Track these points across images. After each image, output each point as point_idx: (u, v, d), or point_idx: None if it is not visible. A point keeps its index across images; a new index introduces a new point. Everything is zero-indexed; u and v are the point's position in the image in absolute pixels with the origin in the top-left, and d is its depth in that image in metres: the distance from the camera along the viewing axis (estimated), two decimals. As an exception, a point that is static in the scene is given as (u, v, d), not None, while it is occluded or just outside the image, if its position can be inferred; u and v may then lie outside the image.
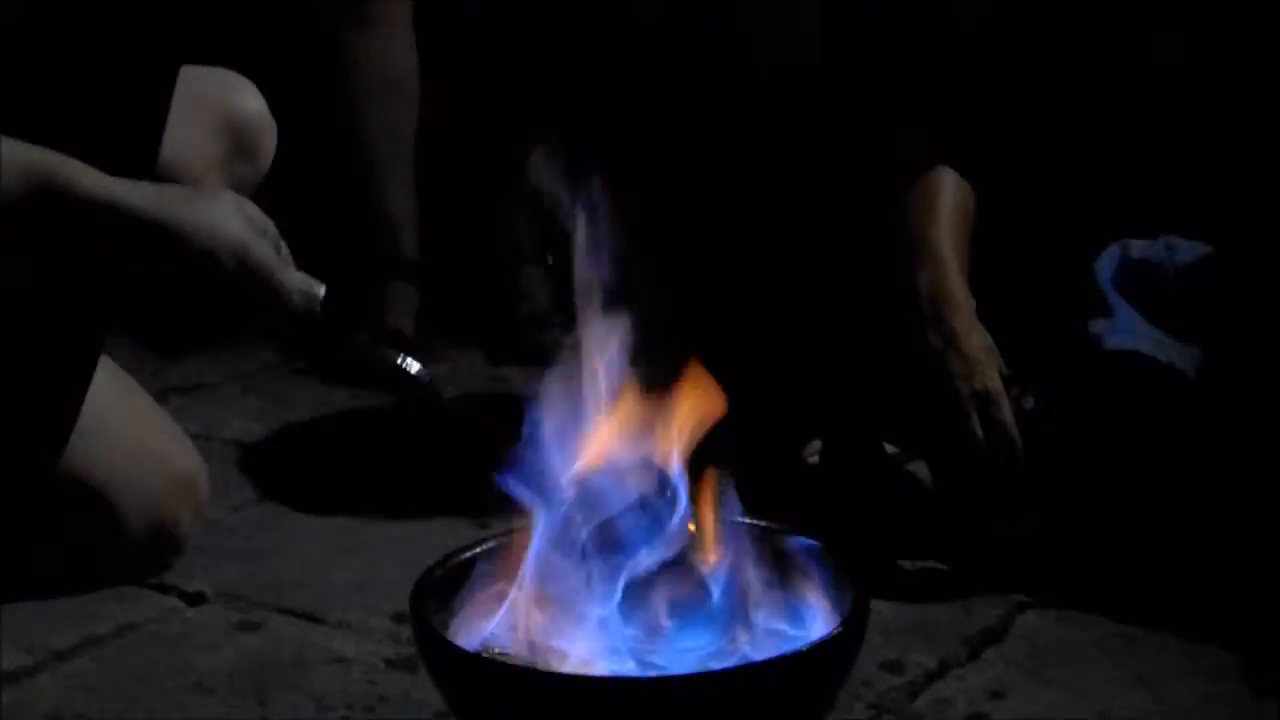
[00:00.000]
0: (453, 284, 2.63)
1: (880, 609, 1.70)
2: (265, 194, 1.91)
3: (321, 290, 1.62)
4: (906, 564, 1.87)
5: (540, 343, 2.47)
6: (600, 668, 1.40)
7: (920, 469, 1.96)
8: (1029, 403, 1.82)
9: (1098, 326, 1.85)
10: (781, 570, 1.50)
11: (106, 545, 1.81)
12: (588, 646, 1.42)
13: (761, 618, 1.46)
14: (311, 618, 1.79)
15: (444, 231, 2.63)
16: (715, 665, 1.40)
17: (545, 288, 2.58)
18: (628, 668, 1.40)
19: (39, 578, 1.80)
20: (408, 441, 2.19)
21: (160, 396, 2.06)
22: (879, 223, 1.92)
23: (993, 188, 1.93)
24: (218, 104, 1.85)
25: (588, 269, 1.46)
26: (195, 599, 1.84)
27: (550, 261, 2.56)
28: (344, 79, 2.54)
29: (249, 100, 1.90)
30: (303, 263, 1.69)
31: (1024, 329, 1.86)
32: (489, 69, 2.64)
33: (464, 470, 1.61)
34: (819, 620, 1.47)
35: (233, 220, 1.55)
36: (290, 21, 2.57)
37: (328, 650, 1.72)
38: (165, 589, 1.85)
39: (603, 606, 1.44)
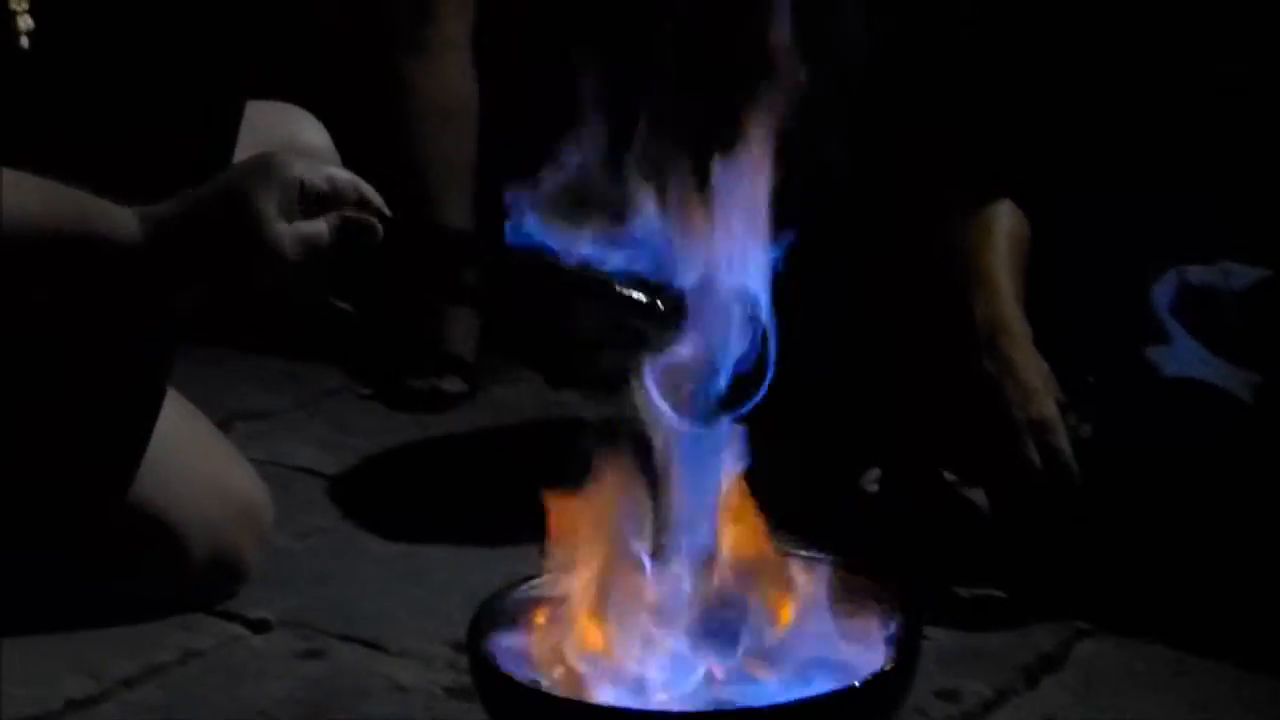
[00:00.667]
0: (512, 307, 2.63)
1: (937, 637, 1.72)
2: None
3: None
4: (964, 591, 1.87)
5: (600, 366, 2.47)
6: (655, 701, 1.41)
7: (978, 496, 1.96)
8: (1086, 430, 1.82)
9: (1155, 353, 1.85)
10: (837, 600, 1.50)
11: (171, 575, 1.83)
12: (641, 679, 1.43)
13: (816, 649, 1.47)
14: (373, 645, 1.81)
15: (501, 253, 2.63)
16: (771, 699, 1.41)
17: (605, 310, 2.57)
18: (683, 701, 1.42)
19: (104, 606, 1.81)
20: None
21: (224, 424, 2.08)
22: (935, 250, 1.93)
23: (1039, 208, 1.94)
24: (281, 138, 1.85)
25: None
26: (260, 626, 1.85)
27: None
28: (401, 104, 2.55)
29: (312, 134, 1.91)
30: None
31: (1079, 355, 1.87)
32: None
33: (530, 497, 1.63)
34: (874, 651, 1.47)
35: (263, 216, 1.51)
36: (347, 48, 2.58)
37: (388, 678, 1.74)
38: (230, 616, 1.86)
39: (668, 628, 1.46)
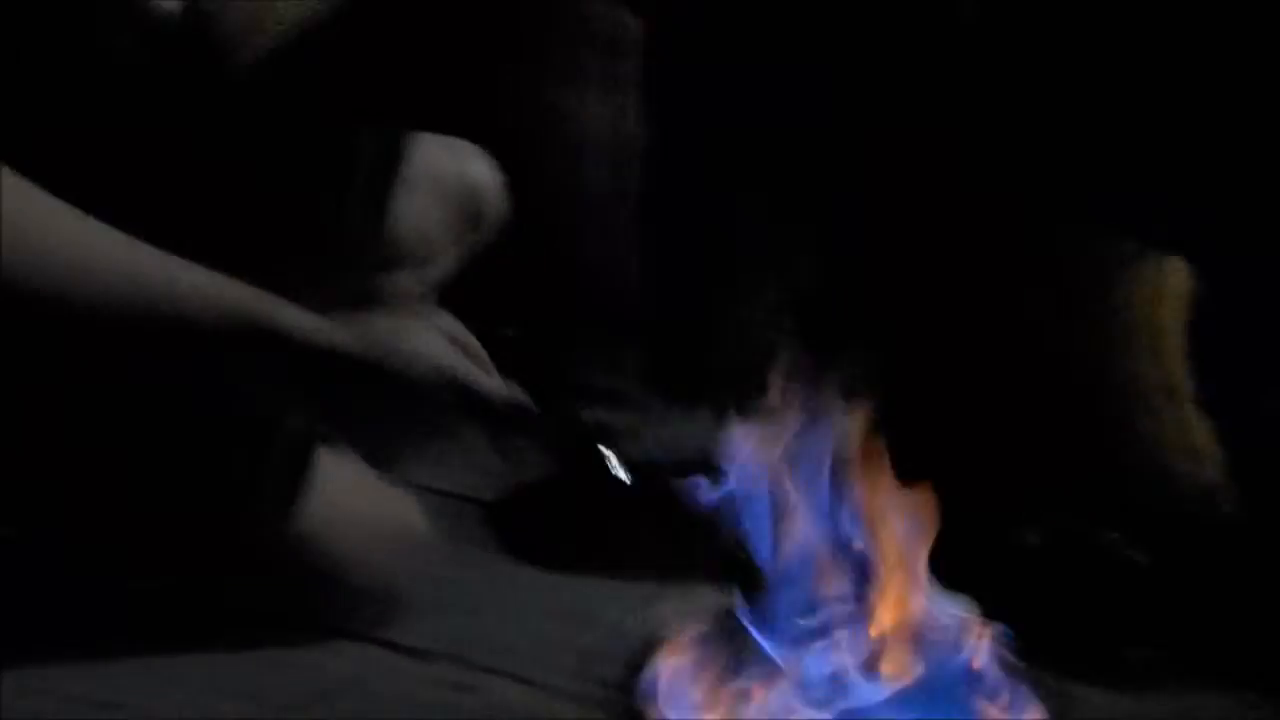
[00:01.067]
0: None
1: (1093, 698, 1.69)
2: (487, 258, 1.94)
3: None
4: (1126, 652, 1.84)
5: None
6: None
7: (1141, 555, 1.93)
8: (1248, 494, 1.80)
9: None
10: (991, 660, 1.49)
11: (328, 603, 1.85)
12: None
13: (968, 708, 1.46)
14: (526, 681, 1.82)
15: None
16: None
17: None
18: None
19: (262, 631, 1.83)
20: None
21: (382, 450, 2.10)
22: (1099, 303, 1.91)
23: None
24: (449, 173, 1.88)
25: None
26: (417, 655, 1.87)
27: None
28: (561, 138, 2.56)
29: (480, 169, 1.93)
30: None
31: (1239, 417, 1.84)
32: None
33: (704, 538, 1.63)
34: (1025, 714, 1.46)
35: (434, 344, 1.59)
36: (507, 79, 2.59)
37: (538, 715, 1.75)
38: (389, 645, 1.88)
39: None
